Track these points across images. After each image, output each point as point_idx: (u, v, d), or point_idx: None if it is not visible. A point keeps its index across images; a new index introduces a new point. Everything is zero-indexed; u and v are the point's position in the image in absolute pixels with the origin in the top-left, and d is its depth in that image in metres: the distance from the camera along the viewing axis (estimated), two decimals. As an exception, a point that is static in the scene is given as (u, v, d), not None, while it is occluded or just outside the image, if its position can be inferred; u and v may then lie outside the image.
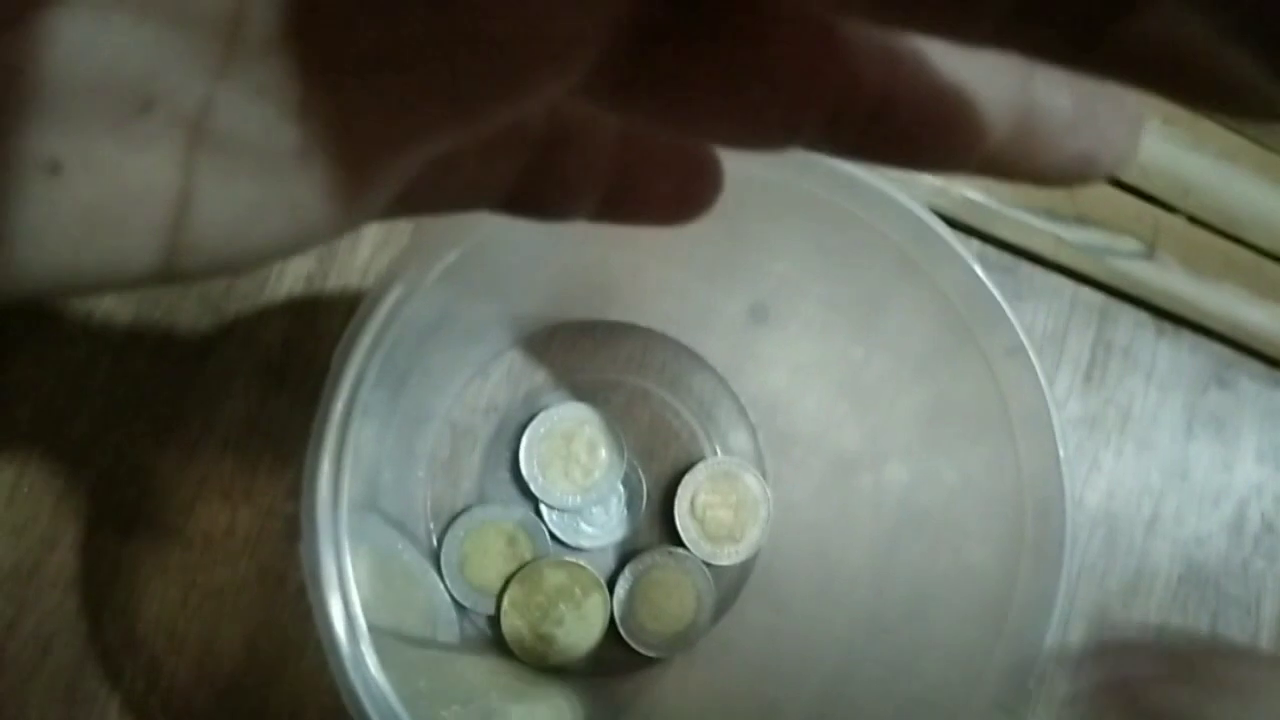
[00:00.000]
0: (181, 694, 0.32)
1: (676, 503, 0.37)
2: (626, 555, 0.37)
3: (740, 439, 0.38)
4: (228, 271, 0.12)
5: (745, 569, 0.37)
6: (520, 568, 0.35)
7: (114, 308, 0.34)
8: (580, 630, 0.35)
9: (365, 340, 0.22)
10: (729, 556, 0.36)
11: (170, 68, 0.10)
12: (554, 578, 0.35)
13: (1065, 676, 0.39)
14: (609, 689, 0.35)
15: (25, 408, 0.33)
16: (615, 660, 0.35)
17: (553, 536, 0.36)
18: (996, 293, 0.27)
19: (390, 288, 0.23)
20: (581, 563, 0.36)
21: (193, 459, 0.34)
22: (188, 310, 0.34)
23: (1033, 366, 0.26)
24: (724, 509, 0.37)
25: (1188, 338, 0.42)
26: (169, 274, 0.12)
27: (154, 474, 0.33)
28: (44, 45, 0.10)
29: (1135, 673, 0.27)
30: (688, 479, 0.37)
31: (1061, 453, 0.27)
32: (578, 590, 0.35)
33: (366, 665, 0.21)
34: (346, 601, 0.21)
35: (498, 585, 0.35)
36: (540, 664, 0.34)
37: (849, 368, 0.35)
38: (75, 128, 0.10)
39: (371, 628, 0.21)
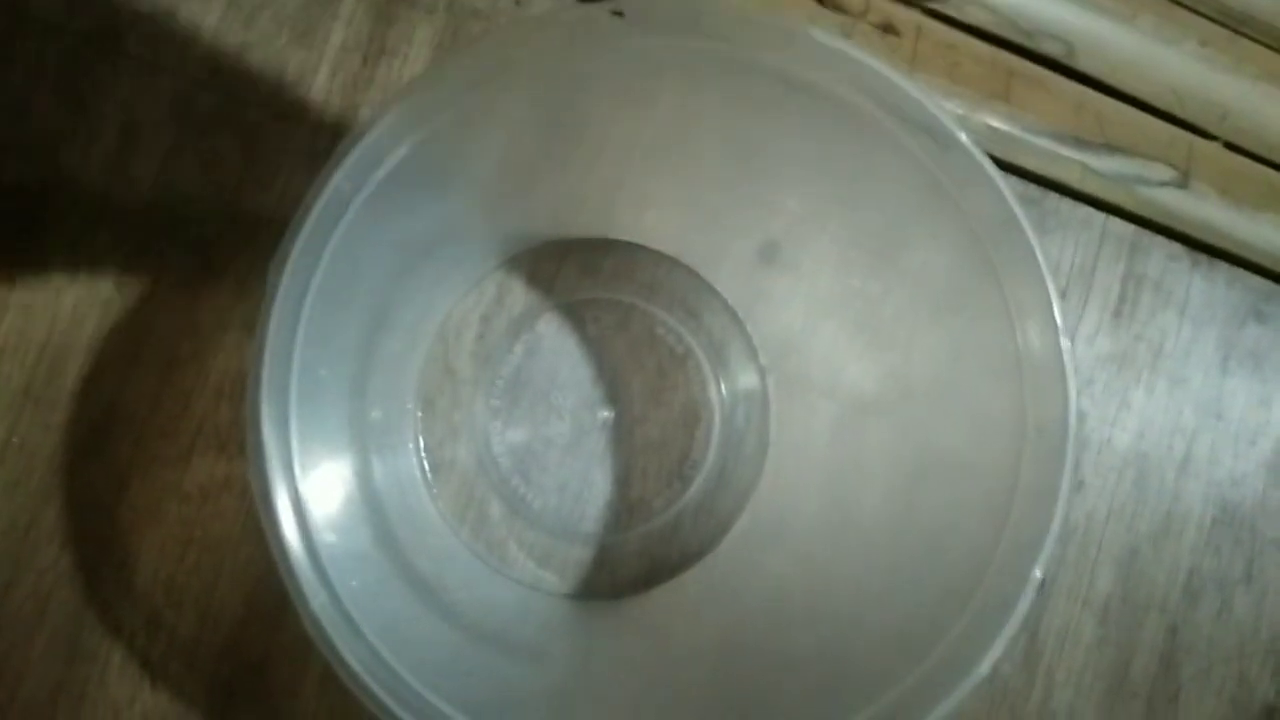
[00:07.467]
0: (183, 647, 0.32)
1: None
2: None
3: (750, 378, 0.36)
4: None
5: (738, 506, 0.35)
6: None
7: (103, 254, 0.33)
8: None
9: (298, 247, 0.20)
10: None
11: None
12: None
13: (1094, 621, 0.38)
14: (610, 617, 0.34)
15: (14, 362, 0.32)
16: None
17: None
18: (1026, 225, 0.24)
19: (319, 195, 0.21)
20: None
21: (187, 411, 0.33)
22: (177, 258, 0.33)
23: (1048, 296, 0.25)
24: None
25: (1224, 270, 0.40)
26: None
27: (148, 427, 0.33)
28: None
29: None
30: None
31: (1072, 390, 0.25)
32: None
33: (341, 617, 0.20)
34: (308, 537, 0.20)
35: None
36: None
37: (866, 304, 0.33)
38: None
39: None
